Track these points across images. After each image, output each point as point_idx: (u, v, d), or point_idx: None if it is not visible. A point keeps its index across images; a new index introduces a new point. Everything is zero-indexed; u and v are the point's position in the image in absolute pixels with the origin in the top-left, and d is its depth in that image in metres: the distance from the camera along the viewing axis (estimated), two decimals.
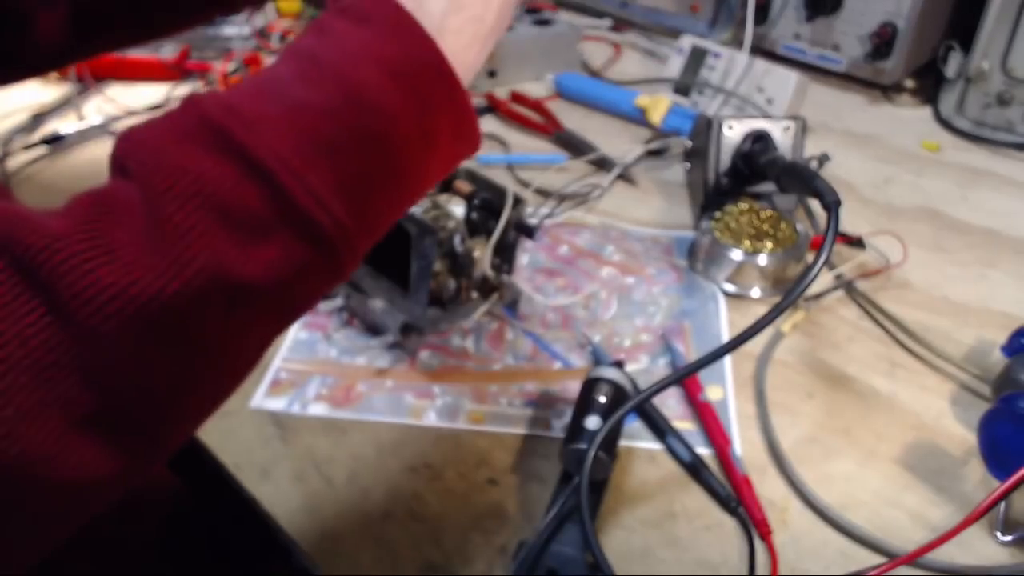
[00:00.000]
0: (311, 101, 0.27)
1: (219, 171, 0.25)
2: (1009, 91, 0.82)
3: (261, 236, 0.26)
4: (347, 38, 0.28)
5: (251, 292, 0.26)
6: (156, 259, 0.24)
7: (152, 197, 0.25)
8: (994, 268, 0.66)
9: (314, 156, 0.26)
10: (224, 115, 0.26)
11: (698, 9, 1.06)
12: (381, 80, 0.28)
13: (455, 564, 0.43)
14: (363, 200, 0.28)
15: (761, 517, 0.45)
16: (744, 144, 0.66)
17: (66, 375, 0.23)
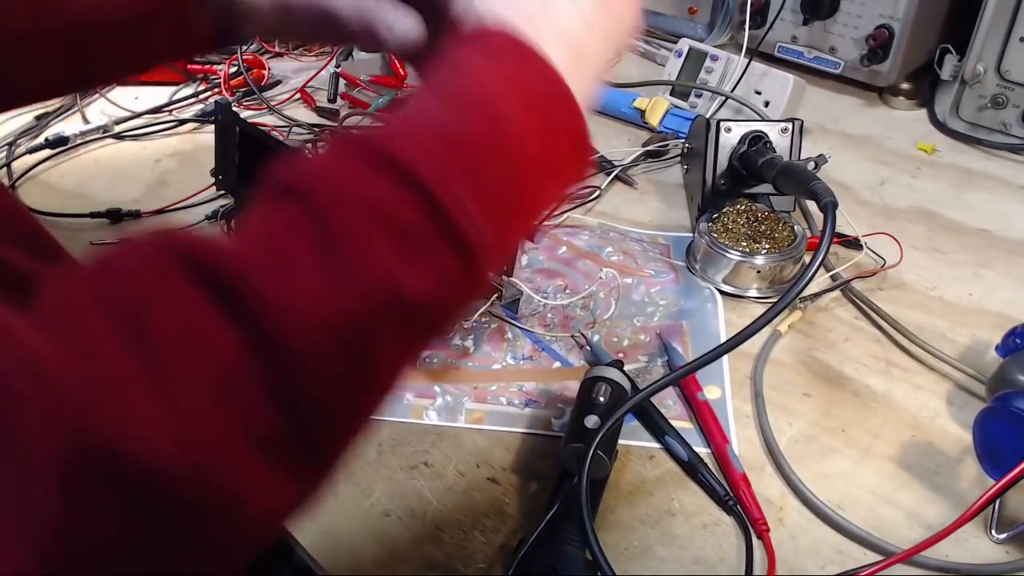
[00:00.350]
0: (458, 128, 0.28)
1: (384, 191, 0.26)
2: (1004, 93, 0.82)
3: (423, 252, 0.26)
4: (485, 72, 0.30)
5: (416, 309, 0.26)
6: (338, 276, 0.24)
7: (325, 218, 0.25)
8: (989, 269, 0.66)
9: (463, 177, 0.27)
10: (383, 140, 0.27)
11: (696, 12, 1.07)
12: (518, 111, 0.29)
13: (455, 562, 0.44)
14: (499, 220, 0.29)
15: (758, 515, 0.45)
16: (741, 146, 0.66)
17: (254, 394, 0.23)
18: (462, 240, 0.27)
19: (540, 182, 0.31)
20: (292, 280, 0.24)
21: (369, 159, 0.27)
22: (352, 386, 0.26)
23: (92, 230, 0.72)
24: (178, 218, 0.73)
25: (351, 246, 0.25)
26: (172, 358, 0.22)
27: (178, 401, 0.22)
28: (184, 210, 0.74)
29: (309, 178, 0.26)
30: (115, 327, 0.22)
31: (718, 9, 1.04)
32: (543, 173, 0.31)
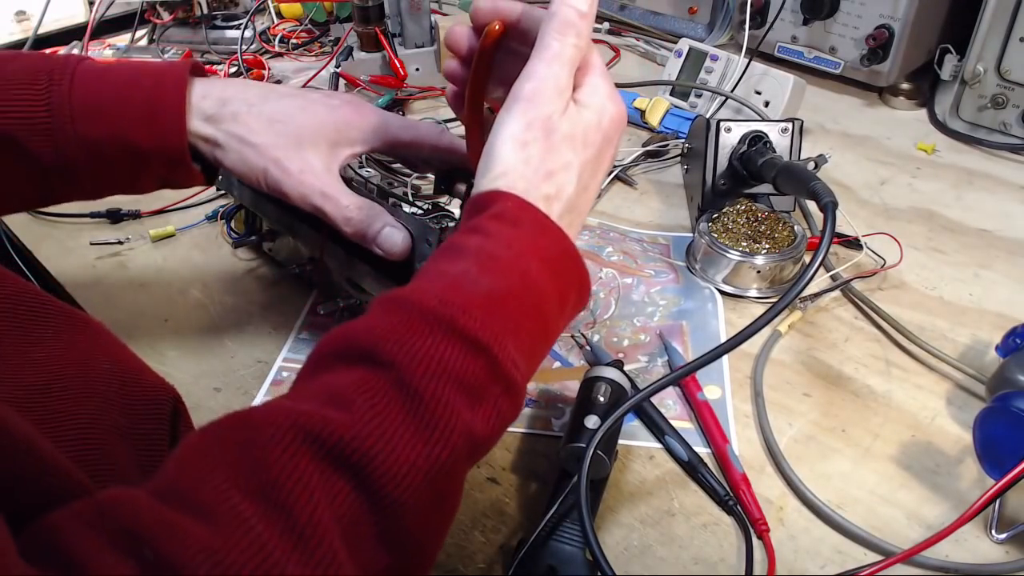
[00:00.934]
0: (498, 288, 0.34)
1: (454, 353, 0.32)
2: (1003, 93, 0.82)
3: (485, 399, 0.32)
4: (510, 238, 0.36)
5: (481, 444, 0.32)
6: (429, 435, 0.30)
7: (411, 384, 0.30)
8: (989, 269, 0.66)
9: (508, 331, 0.33)
10: (441, 306, 0.32)
11: (696, 12, 1.07)
12: (540, 269, 0.36)
13: (455, 562, 0.44)
14: (532, 359, 0.36)
15: (758, 515, 0.45)
16: (741, 146, 0.66)
17: (370, 541, 0.28)
18: (511, 383, 0.33)
19: (557, 323, 0.38)
20: (394, 445, 0.29)
21: (435, 327, 0.32)
22: (440, 519, 0.31)
23: (92, 230, 0.72)
24: (178, 218, 0.73)
25: (436, 407, 0.30)
26: (316, 530, 0.27)
27: (321, 561, 0.26)
28: (184, 210, 0.74)
29: (388, 346, 0.31)
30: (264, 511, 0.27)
31: (718, 9, 1.04)
32: (559, 316, 0.37)
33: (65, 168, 0.46)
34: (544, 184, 0.38)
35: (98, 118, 0.46)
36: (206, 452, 0.29)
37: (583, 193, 0.39)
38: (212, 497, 0.27)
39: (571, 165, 0.38)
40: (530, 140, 0.37)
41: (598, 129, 0.40)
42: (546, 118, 0.38)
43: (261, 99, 0.49)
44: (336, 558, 0.27)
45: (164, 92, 0.47)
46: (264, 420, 0.29)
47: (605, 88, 0.40)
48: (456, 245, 0.36)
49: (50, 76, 0.46)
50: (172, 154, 0.47)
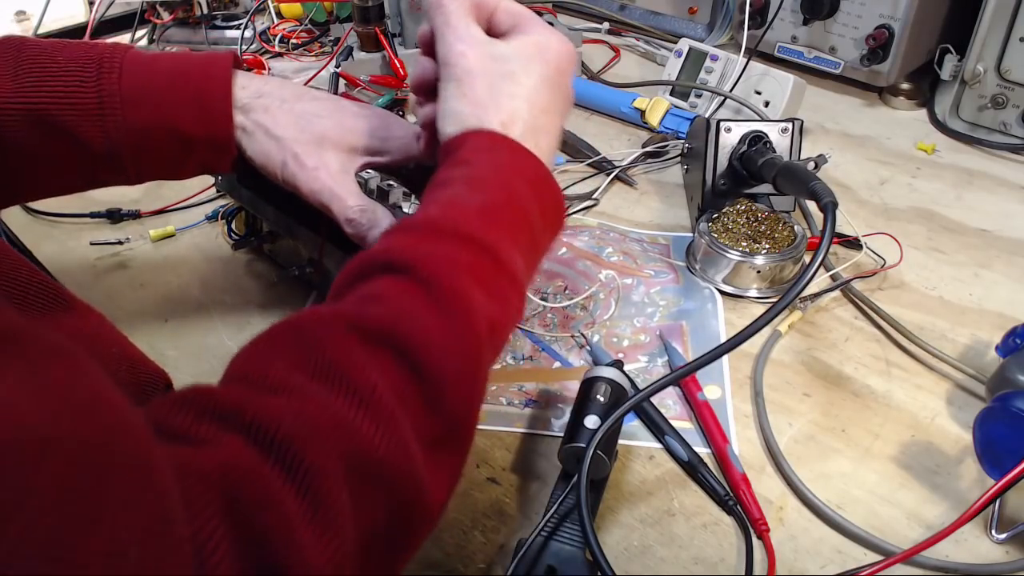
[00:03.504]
0: (489, 201, 0.38)
1: (460, 251, 0.36)
2: (1003, 93, 0.82)
3: (496, 291, 0.36)
4: (490, 162, 0.40)
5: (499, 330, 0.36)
6: (453, 315, 0.33)
7: (427, 277, 0.34)
8: (988, 269, 0.66)
9: (506, 236, 0.37)
10: (442, 218, 0.37)
11: (696, 12, 1.07)
12: (522, 185, 0.40)
13: (455, 562, 0.44)
14: (526, 262, 0.39)
15: (758, 515, 0.45)
16: (741, 146, 0.66)
17: (419, 407, 0.31)
18: (514, 276, 0.37)
19: (543, 238, 0.41)
20: (427, 326, 0.33)
21: (441, 234, 0.36)
22: (476, 393, 0.34)
23: (92, 230, 0.72)
24: (178, 218, 0.73)
25: (456, 295, 0.34)
26: (373, 393, 0.30)
27: (386, 422, 0.30)
28: (184, 210, 0.74)
29: (403, 255, 0.35)
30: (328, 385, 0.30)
31: (718, 9, 1.04)
32: (544, 230, 0.41)
33: (112, 154, 0.49)
34: (495, 113, 0.41)
35: (148, 105, 0.48)
36: (263, 350, 0.32)
37: (542, 115, 0.42)
38: (280, 378, 0.30)
39: (516, 93, 0.42)
40: (468, 86, 0.41)
41: (536, 59, 0.42)
42: (472, 67, 0.42)
43: (295, 97, 0.52)
44: (395, 416, 0.30)
45: (212, 81, 0.49)
46: (309, 319, 0.33)
47: (534, 29, 0.44)
48: (442, 179, 0.40)
49: (100, 64, 0.48)
50: (218, 141, 0.50)
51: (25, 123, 0.47)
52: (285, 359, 0.31)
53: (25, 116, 0.46)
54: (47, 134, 0.47)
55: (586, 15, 1.16)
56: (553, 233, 0.43)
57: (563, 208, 0.43)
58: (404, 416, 0.30)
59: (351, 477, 0.28)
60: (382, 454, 0.29)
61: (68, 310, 0.42)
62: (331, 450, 0.28)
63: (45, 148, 0.48)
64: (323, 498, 0.27)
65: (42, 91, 0.47)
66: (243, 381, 0.31)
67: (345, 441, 0.28)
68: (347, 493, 0.28)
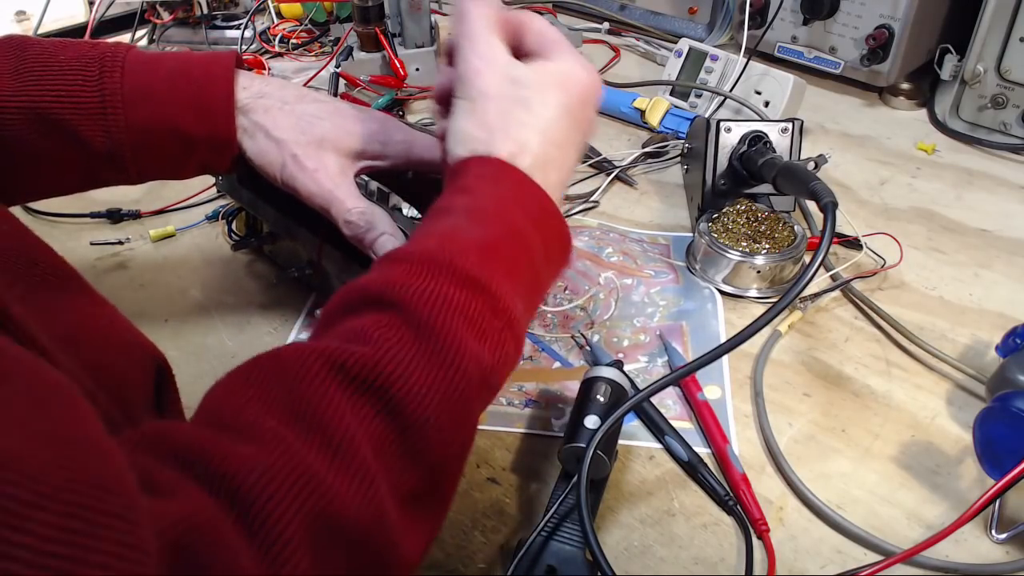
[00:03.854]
0: (489, 236, 0.37)
1: (454, 290, 0.34)
2: (1003, 93, 0.82)
3: (489, 332, 0.34)
4: (493, 194, 0.39)
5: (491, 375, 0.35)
6: (444, 365, 0.32)
7: (424, 322, 0.32)
8: (988, 269, 0.66)
9: (504, 274, 0.36)
10: (439, 252, 0.35)
11: (696, 12, 1.07)
12: (525, 220, 0.38)
13: (455, 562, 0.44)
14: (526, 302, 0.38)
15: (758, 515, 0.45)
16: (741, 146, 0.66)
17: (398, 459, 0.30)
18: (511, 319, 0.36)
19: (545, 273, 0.40)
20: (412, 370, 0.31)
21: (435, 270, 0.34)
22: (461, 442, 0.33)
23: (92, 230, 0.72)
24: (178, 218, 0.73)
25: (446, 338, 0.32)
26: (349, 444, 0.29)
27: (359, 478, 0.28)
28: (184, 210, 0.74)
29: (395, 290, 0.34)
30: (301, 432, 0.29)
31: (718, 9, 1.04)
32: (547, 265, 0.40)
33: (113, 153, 0.49)
34: (503, 141, 0.40)
35: (149, 105, 0.48)
36: (239, 387, 0.31)
37: (555, 149, 0.41)
38: (251, 422, 0.29)
39: (528, 123, 0.40)
40: (479, 107, 0.40)
41: (557, 88, 0.41)
42: (487, 88, 0.40)
43: (296, 99, 0.52)
44: (369, 470, 0.29)
45: (214, 81, 0.49)
46: (291, 356, 0.31)
47: (561, 56, 0.42)
48: (443, 207, 0.39)
49: (102, 64, 0.48)
50: (220, 141, 0.50)
51: (26, 122, 0.47)
52: (259, 400, 0.30)
53: (27, 115, 0.46)
54: (48, 133, 0.47)
55: (586, 15, 1.16)
56: (557, 269, 0.42)
57: (569, 244, 0.42)
58: (380, 470, 0.29)
59: (316, 537, 0.27)
60: (351, 512, 0.28)
61: (82, 295, 0.42)
62: (298, 508, 0.27)
63: (46, 147, 0.48)
64: (284, 560, 0.26)
65: (44, 90, 0.47)
66: (215, 422, 0.30)
67: (313, 498, 0.27)
68: (310, 555, 0.26)
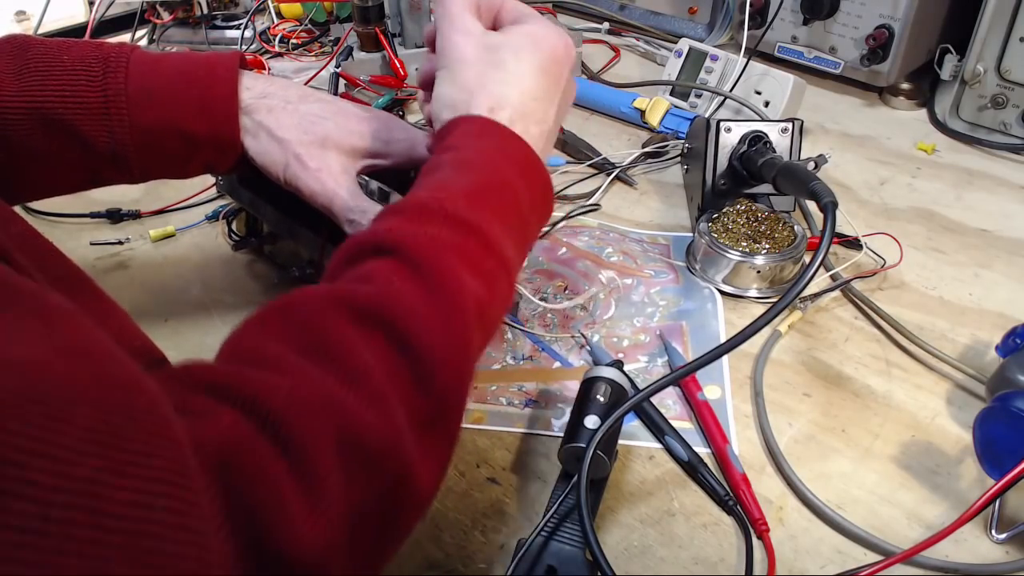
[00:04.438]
0: (476, 183, 0.39)
1: (447, 232, 0.36)
2: (1004, 93, 0.82)
3: (483, 270, 0.36)
4: (478, 146, 0.41)
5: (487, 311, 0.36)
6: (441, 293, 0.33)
7: (414, 257, 0.34)
8: (989, 269, 0.66)
9: (494, 217, 0.38)
10: (430, 200, 0.37)
11: (696, 12, 1.07)
12: (509, 169, 0.40)
13: (455, 562, 0.44)
14: (514, 244, 0.39)
15: (758, 515, 0.45)
16: (741, 146, 0.66)
17: (410, 387, 0.31)
18: (503, 257, 0.37)
19: (531, 220, 0.42)
20: (415, 304, 0.33)
21: (428, 216, 0.36)
22: (464, 373, 0.34)
23: (92, 230, 0.72)
24: (178, 218, 0.73)
25: (444, 274, 0.34)
26: (364, 371, 0.30)
27: (377, 401, 0.30)
28: (184, 210, 0.74)
29: (391, 236, 0.35)
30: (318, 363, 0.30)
31: (718, 9, 1.04)
32: (531, 212, 0.42)
33: (116, 153, 0.49)
34: (483, 99, 0.42)
35: (153, 106, 0.49)
36: (254, 330, 0.32)
37: (533, 103, 0.43)
38: (272, 356, 0.30)
39: (504, 79, 0.42)
40: (458, 73, 0.43)
41: (528, 47, 0.43)
42: (465, 55, 0.43)
43: (299, 99, 0.52)
44: (385, 395, 0.30)
45: (218, 81, 0.50)
46: (301, 298, 0.33)
47: (531, 20, 0.44)
48: (432, 164, 0.40)
49: (106, 64, 0.48)
50: (223, 141, 0.50)
51: (30, 122, 0.47)
52: (276, 338, 0.31)
53: (30, 115, 0.47)
54: (52, 133, 0.47)
55: (586, 15, 1.16)
56: (542, 217, 0.43)
57: (551, 192, 0.43)
58: (394, 396, 0.30)
59: (343, 454, 0.28)
60: (373, 433, 0.29)
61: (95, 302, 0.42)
62: (323, 427, 0.28)
63: (49, 147, 0.48)
64: (315, 474, 0.27)
65: (47, 90, 0.47)
66: (236, 358, 0.31)
67: (337, 418, 0.28)
68: (339, 470, 0.28)
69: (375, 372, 0.30)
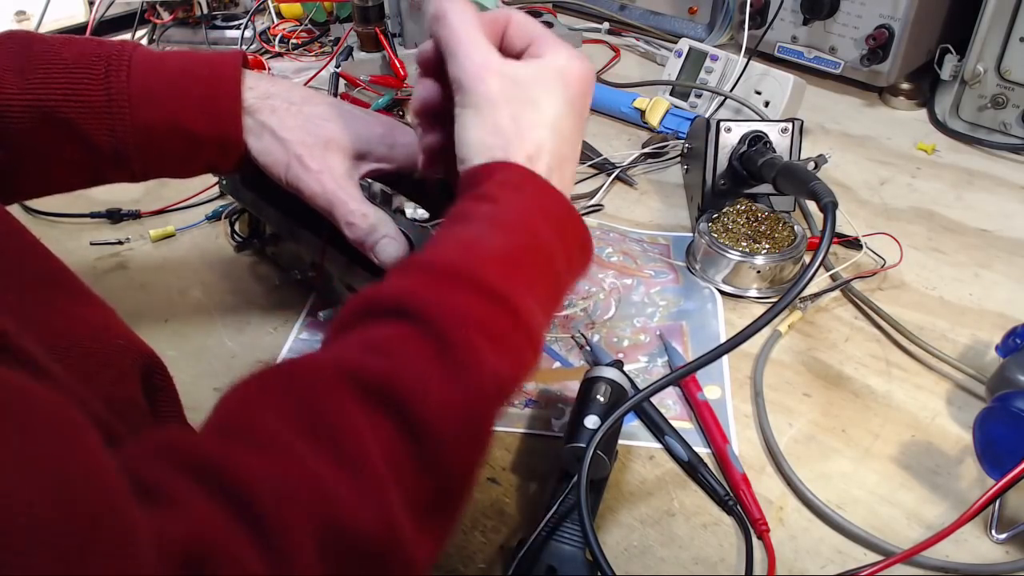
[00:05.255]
0: (512, 246, 0.36)
1: (475, 302, 0.34)
2: (1003, 93, 0.82)
3: (509, 346, 0.34)
4: (516, 201, 0.38)
5: (508, 387, 0.34)
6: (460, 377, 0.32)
7: (440, 333, 0.32)
8: (988, 269, 0.66)
9: (525, 285, 0.35)
10: (461, 262, 0.35)
11: (696, 12, 1.07)
12: (548, 229, 0.38)
13: (455, 562, 0.44)
14: (546, 311, 0.37)
15: (758, 515, 0.45)
16: (741, 146, 0.66)
17: (412, 470, 0.30)
18: (531, 331, 0.35)
19: (566, 280, 0.40)
20: (430, 385, 0.31)
21: (457, 281, 0.34)
22: (475, 453, 0.33)
23: (92, 230, 0.72)
24: (178, 218, 0.73)
25: (466, 352, 0.32)
26: (362, 456, 0.29)
27: (372, 490, 0.28)
28: (184, 210, 0.74)
29: (415, 300, 0.33)
30: (315, 445, 0.28)
31: (718, 9, 1.04)
32: (568, 272, 0.39)
33: (118, 152, 0.49)
34: (520, 145, 0.39)
35: (156, 104, 0.48)
36: (252, 397, 0.31)
37: (566, 146, 0.41)
38: (264, 435, 0.28)
39: (539, 122, 0.40)
40: (489, 115, 0.39)
41: (558, 84, 0.40)
42: (493, 94, 0.39)
43: (302, 100, 0.52)
44: (383, 483, 0.29)
45: (221, 81, 0.49)
46: (306, 367, 0.31)
47: (552, 49, 0.41)
48: (465, 212, 0.38)
49: (108, 62, 0.48)
50: (226, 140, 0.50)
51: (30, 119, 0.46)
52: (274, 411, 0.30)
53: (31, 112, 0.46)
54: (52, 130, 0.47)
55: (586, 15, 1.16)
56: (578, 273, 0.41)
57: (590, 247, 0.41)
58: (394, 482, 0.29)
59: (329, 549, 0.27)
60: (365, 526, 0.28)
61: (77, 298, 0.42)
62: (310, 520, 0.26)
63: (51, 144, 0.48)
64: (297, 571, 0.26)
65: (50, 87, 0.46)
66: (227, 431, 0.29)
67: (326, 511, 0.27)
68: (323, 567, 0.26)
69: (375, 457, 0.29)
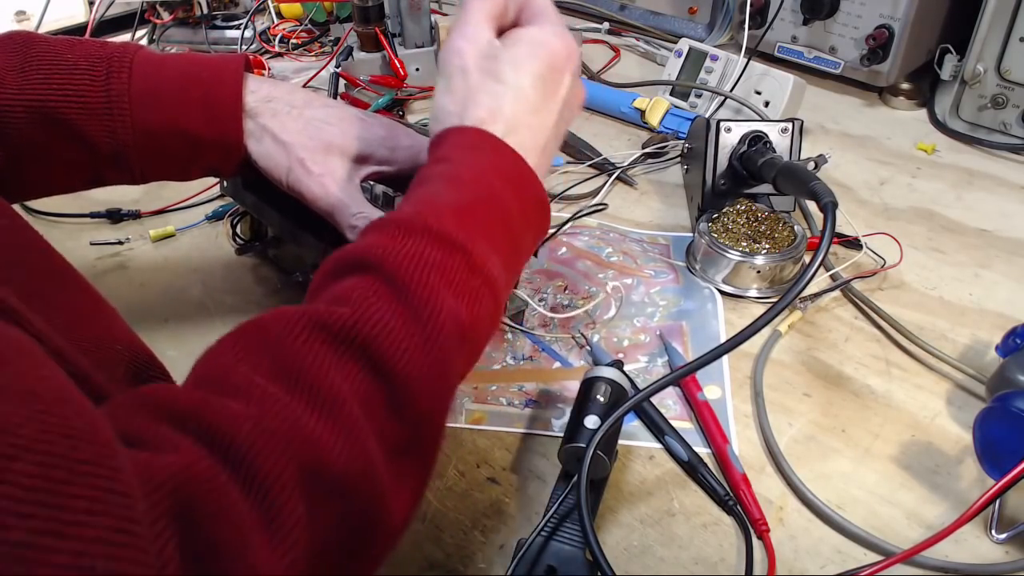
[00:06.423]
0: (464, 198, 0.38)
1: (430, 249, 0.35)
2: (1003, 93, 0.82)
3: (467, 290, 0.35)
4: (470, 160, 0.40)
5: (469, 332, 0.35)
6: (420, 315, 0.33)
7: (395, 276, 0.33)
8: (989, 269, 0.66)
9: (481, 234, 0.37)
10: (415, 216, 0.36)
11: (696, 12, 1.07)
12: (502, 184, 0.39)
13: (455, 562, 0.44)
14: (504, 262, 0.38)
15: (758, 515, 0.45)
16: (741, 146, 0.66)
17: (383, 413, 0.31)
18: (487, 276, 0.36)
19: (524, 237, 0.41)
20: (393, 327, 0.32)
21: (412, 232, 0.35)
22: (441, 396, 0.33)
23: (92, 230, 0.72)
24: (178, 218, 0.73)
25: (424, 294, 0.33)
26: (336, 398, 0.29)
27: (348, 430, 0.29)
28: (184, 210, 0.74)
29: (374, 252, 0.34)
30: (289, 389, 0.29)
31: (718, 9, 1.04)
32: (525, 229, 0.40)
33: (118, 154, 0.49)
34: (474, 110, 0.41)
35: (157, 107, 0.48)
36: (227, 350, 0.32)
37: (528, 115, 0.42)
38: (241, 382, 0.29)
39: (498, 91, 0.41)
40: (454, 83, 0.42)
41: (528, 57, 0.42)
42: (465, 64, 0.42)
43: (304, 104, 0.52)
44: (357, 423, 0.29)
45: (223, 84, 0.49)
46: (275, 319, 0.32)
47: (537, 22, 0.43)
48: (422, 177, 0.40)
49: (109, 64, 0.48)
50: (227, 144, 0.50)
51: (31, 119, 0.46)
52: (248, 361, 0.30)
53: (31, 112, 0.46)
54: (53, 132, 0.47)
55: (586, 15, 1.16)
56: (537, 233, 0.42)
57: (547, 207, 0.42)
58: (367, 422, 0.30)
59: (308, 488, 0.27)
60: (342, 464, 0.28)
61: (77, 292, 0.42)
62: (289, 459, 0.27)
63: (50, 146, 0.48)
64: (278, 509, 0.26)
65: (50, 88, 0.47)
66: (205, 383, 0.30)
67: (304, 450, 0.28)
68: (304, 504, 0.27)
69: (348, 399, 0.30)
